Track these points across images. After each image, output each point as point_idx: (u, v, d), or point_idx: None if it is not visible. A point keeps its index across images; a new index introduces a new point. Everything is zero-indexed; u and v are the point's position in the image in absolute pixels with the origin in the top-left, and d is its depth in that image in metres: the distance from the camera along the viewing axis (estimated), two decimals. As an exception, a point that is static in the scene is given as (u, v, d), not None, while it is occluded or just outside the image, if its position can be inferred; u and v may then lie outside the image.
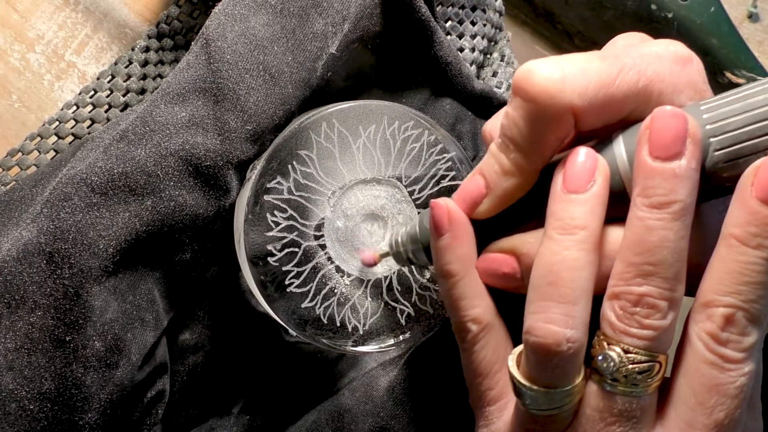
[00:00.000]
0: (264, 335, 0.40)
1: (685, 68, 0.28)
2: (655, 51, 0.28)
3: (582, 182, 0.27)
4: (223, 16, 0.35)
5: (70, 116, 0.40)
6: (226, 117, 0.34)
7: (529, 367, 0.27)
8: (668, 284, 0.25)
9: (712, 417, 0.26)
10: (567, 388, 0.27)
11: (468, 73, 0.42)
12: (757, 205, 0.25)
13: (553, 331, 0.26)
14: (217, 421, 0.39)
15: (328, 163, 0.36)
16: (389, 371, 0.39)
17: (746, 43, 0.52)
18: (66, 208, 0.32)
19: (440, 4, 0.45)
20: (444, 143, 0.37)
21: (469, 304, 0.30)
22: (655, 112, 0.26)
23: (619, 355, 0.26)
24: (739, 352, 0.25)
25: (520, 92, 0.27)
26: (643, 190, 0.26)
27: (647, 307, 0.26)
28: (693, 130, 0.25)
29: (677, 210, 0.25)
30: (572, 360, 0.26)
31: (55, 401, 0.31)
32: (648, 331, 0.26)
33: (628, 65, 0.27)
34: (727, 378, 0.25)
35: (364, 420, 0.37)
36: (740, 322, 0.25)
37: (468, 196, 0.30)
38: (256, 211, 0.35)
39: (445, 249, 0.30)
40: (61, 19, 0.42)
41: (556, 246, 0.27)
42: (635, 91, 0.27)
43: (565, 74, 0.26)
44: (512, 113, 0.27)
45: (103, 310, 0.32)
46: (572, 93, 0.26)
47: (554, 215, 0.27)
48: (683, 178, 0.25)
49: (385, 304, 0.37)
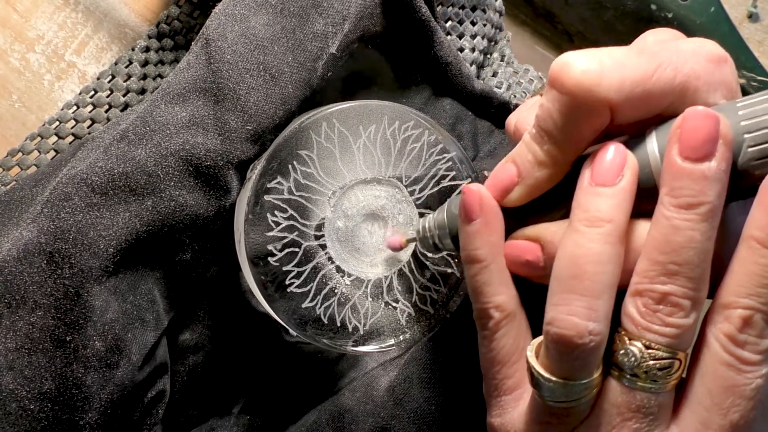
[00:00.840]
0: (264, 335, 0.40)
1: (719, 67, 0.28)
2: (691, 48, 0.27)
3: (610, 176, 0.27)
4: (224, 16, 0.35)
5: (71, 116, 0.40)
6: (227, 117, 0.34)
7: (549, 359, 0.28)
8: (692, 284, 0.25)
9: (728, 418, 0.26)
10: (585, 381, 0.27)
11: (468, 73, 0.42)
12: None
13: (576, 324, 0.26)
14: (217, 421, 0.39)
15: (328, 163, 0.36)
16: (389, 371, 0.39)
17: (746, 43, 0.52)
18: (66, 208, 0.32)
19: (440, 4, 0.45)
20: (444, 143, 0.37)
21: (494, 291, 0.30)
22: (686, 112, 0.26)
23: (640, 351, 0.26)
24: (756, 354, 0.25)
25: (557, 84, 0.27)
26: (671, 190, 0.26)
27: (671, 305, 0.26)
28: (725, 131, 0.25)
29: (705, 211, 0.25)
30: (593, 353, 0.27)
31: (56, 401, 0.31)
32: (670, 329, 0.26)
33: (666, 62, 0.26)
34: (743, 379, 0.26)
35: (364, 420, 0.37)
36: (758, 324, 0.25)
37: (500, 183, 0.30)
38: (257, 211, 0.35)
39: (475, 234, 0.30)
40: (61, 19, 0.42)
41: (581, 238, 0.27)
42: (672, 87, 0.27)
43: (603, 68, 0.26)
44: (547, 105, 0.27)
45: (104, 310, 0.32)
46: (609, 87, 0.26)
47: (580, 207, 0.27)
48: (712, 180, 0.25)
49: (385, 304, 0.37)
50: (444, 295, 0.38)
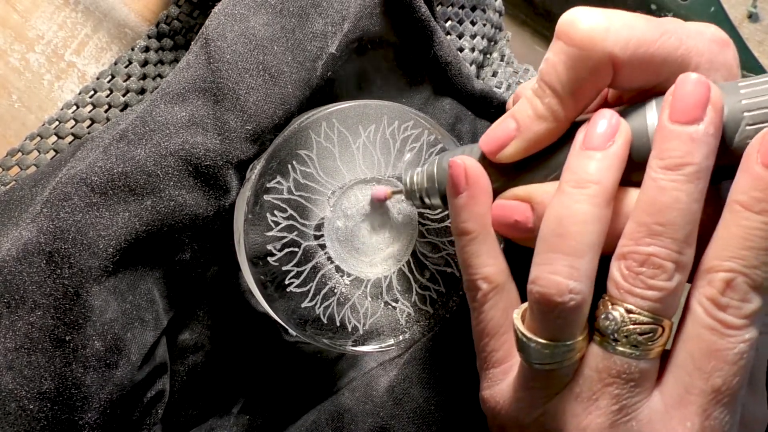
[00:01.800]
0: (264, 335, 0.40)
1: (723, 49, 0.28)
2: (698, 28, 0.28)
3: (602, 141, 0.27)
4: (223, 16, 0.35)
5: (70, 116, 0.40)
6: (226, 117, 0.34)
7: (532, 319, 0.28)
8: (676, 246, 0.25)
9: (709, 382, 0.26)
10: (568, 342, 0.27)
11: (468, 73, 0.42)
12: (761, 170, 0.25)
13: (557, 282, 0.26)
14: (216, 421, 0.39)
15: (327, 162, 0.36)
16: (389, 371, 0.39)
17: (746, 43, 0.52)
18: (66, 208, 0.32)
19: (440, 4, 0.45)
20: (444, 143, 0.37)
21: (482, 263, 0.30)
22: (679, 78, 0.26)
23: (621, 315, 0.26)
24: (739, 318, 0.25)
25: (563, 36, 0.27)
26: (659, 152, 0.26)
27: (653, 267, 0.26)
28: (715, 98, 0.26)
29: (691, 172, 0.25)
30: (574, 312, 0.27)
31: (55, 401, 0.31)
32: (652, 292, 0.26)
33: (671, 31, 0.27)
34: (726, 344, 0.25)
35: (363, 420, 0.37)
36: (741, 287, 0.25)
37: (496, 137, 0.30)
38: (256, 211, 0.35)
39: (462, 207, 0.30)
40: (61, 19, 0.42)
41: (568, 199, 0.27)
42: (674, 56, 0.27)
43: (610, 24, 0.27)
44: (552, 58, 0.28)
45: (103, 310, 0.32)
46: (615, 43, 0.26)
47: (569, 169, 0.28)
48: (699, 142, 0.25)
49: (385, 303, 0.37)
50: (443, 295, 0.38)
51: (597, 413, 0.27)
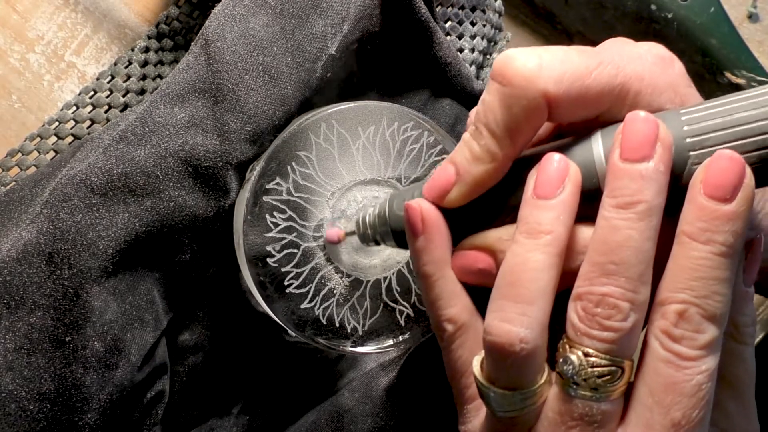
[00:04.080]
0: (263, 336, 0.40)
1: (666, 70, 0.28)
2: (636, 51, 0.28)
3: (551, 188, 0.27)
4: (223, 16, 0.35)
5: (70, 117, 0.40)
6: (226, 118, 0.34)
7: (489, 368, 0.27)
8: (630, 285, 0.25)
9: (669, 416, 0.25)
10: (525, 390, 0.27)
11: (468, 74, 0.42)
12: (705, 200, 0.25)
13: (507, 330, 0.26)
14: (216, 422, 0.39)
15: (327, 164, 0.36)
16: (389, 372, 0.39)
17: (746, 44, 0.52)
18: (66, 209, 0.32)
19: (440, 5, 0.45)
20: (444, 144, 0.37)
21: (445, 304, 0.30)
22: (627, 116, 0.26)
23: (579, 359, 0.26)
24: (694, 349, 0.25)
25: (497, 77, 0.27)
26: (611, 191, 0.26)
27: (608, 307, 0.25)
28: (664, 135, 0.26)
29: (642, 210, 0.25)
30: (527, 361, 0.26)
31: (55, 402, 0.31)
32: (608, 333, 0.25)
33: (607, 60, 0.27)
34: (682, 376, 0.25)
35: (363, 420, 0.37)
36: (694, 318, 0.25)
37: (437, 184, 0.30)
38: (256, 212, 0.35)
39: (421, 251, 0.30)
40: (60, 20, 0.42)
41: (520, 249, 0.27)
42: (612, 86, 0.27)
43: (542, 61, 0.26)
44: (488, 98, 0.28)
45: (103, 311, 0.32)
46: (548, 80, 0.26)
47: (522, 219, 0.27)
48: (649, 179, 0.25)
49: (384, 304, 0.37)
50: (443, 296, 0.38)
51: None
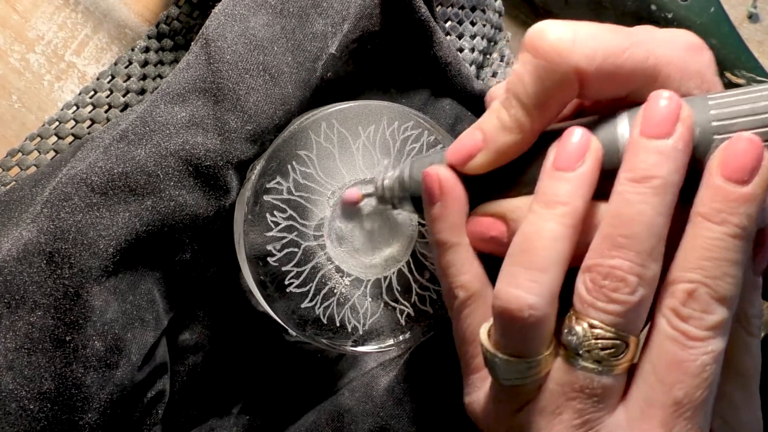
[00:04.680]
0: (264, 335, 0.40)
1: (695, 56, 0.28)
2: (668, 36, 0.28)
3: (571, 161, 0.27)
4: (223, 16, 0.35)
5: (70, 116, 0.40)
6: (226, 117, 0.34)
7: (496, 334, 0.28)
8: (640, 259, 0.25)
9: (671, 395, 0.25)
10: (531, 359, 0.27)
11: (467, 74, 0.42)
12: (721, 181, 0.25)
13: (516, 296, 0.26)
14: (217, 421, 0.39)
15: (327, 163, 0.36)
16: (389, 371, 0.39)
17: (746, 44, 0.52)
18: (66, 208, 0.32)
19: (440, 5, 0.45)
20: (444, 143, 0.37)
21: (458, 271, 0.30)
22: (651, 94, 0.26)
23: (584, 330, 0.26)
24: (701, 329, 0.25)
25: (530, 48, 0.27)
26: (627, 165, 0.26)
27: (616, 280, 0.25)
28: (686, 114, 0.26)
29: (657, 185, 0.25)
30: (535, 328, 0.26)
31: (55, 401, 0.31)
32: (614, 306, 0.26)
33: (639, 41, 0.27)
34: (687, 355, 0.25)
35: (363, 420, 0.37)
36: (703, 298, 0.25)
37: (463, 148, 0.30)
38: (256, 211, 0.35)
39: (437, 218, 0.30)
40: (61, 20, 0.42)
41: (536, 218, 0.27)
42: (643, 68, 0.27)
43: (576, 36, 0.27)
44: (519, 69, 0.28)
45: (103, 310, 0.32)
46: (580, 55, 0.26)
47: (540, 190, 0.28)
48: (667, 155, 0.25)
49: (384, 304, 0.37)
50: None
51: (560, 427, 0.27)
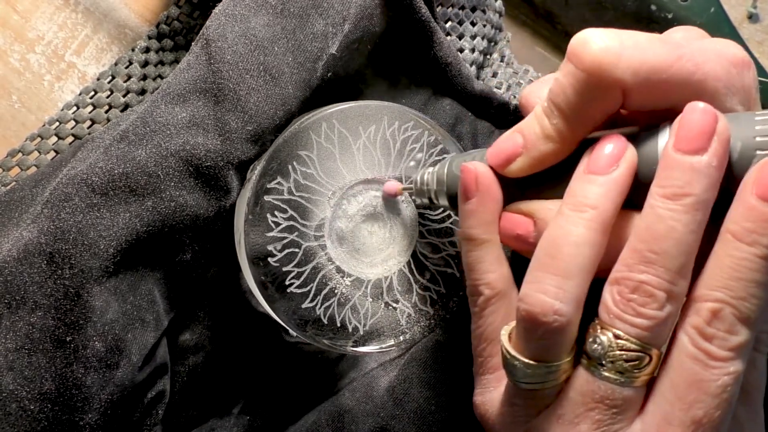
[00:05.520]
0: (264, 335, 0.40)
1: (741, 72, 0.27)
2: (716, 48, 0.27)
3: (604, 165, 0.27)
4: (224, 16, 0.35)
5: (70, 117, 0.40)
6: (227, 117, 0.34)
7: (518, 337, 0.28)
8: (669, 276, 0.25)
9: (690, 413, 0.25)
10: (552, 364, 0.27)
11: (468, 74, 0.42)
12: (755, 201, 0.24)
13: (542, 301, 0.26)
14: (217, 422, 0.39)
15: (328, 163, 0.36)
16: (389, 371, 0.39)
17: (746, 44, 0.52)
18: (66, 209, 0.32)
19: (440, 5, 0.45)
20: (444, 144, 0.37)
21: (486, 269, 0.30)
22: (687, 106, 0.26)
23: (609, 340, 0.26)
24: (724, 350, 0.25)
25: (574, 59, 0.27)
26: (660, 180, 0.26)
27: (644, 295, 0.25)
28: (722, 129, 0.25)
29: (689, 203, 0.25)
30: (558, 334, 0.26)
31: (56, 401, 0.31)
32: (641, 320, 0.25)
33: (687, 55, 0.26)
34: (709, 375, 0.25)
35: (364, 420, 0.37)
36: (728, 318, 0.25)
37: (503, 151, 0.30)
38: (257, 212, 0.35)
39: (470, 213, 0.30)
40: (61, 20, 0.42)
41: (564, 221, 0.27)
42: (689, 82, 0.26)
43: (622, 49, 0.26)
44: (562, 80, 0.27)
45: (104, 311, 0.32)
46: (626, 70, 0.26)
47: (570, 192, 0.27)
48: (700, 173, 0.25)
49: (385, 304, 0.37)
50: (444, 296, 0.38)
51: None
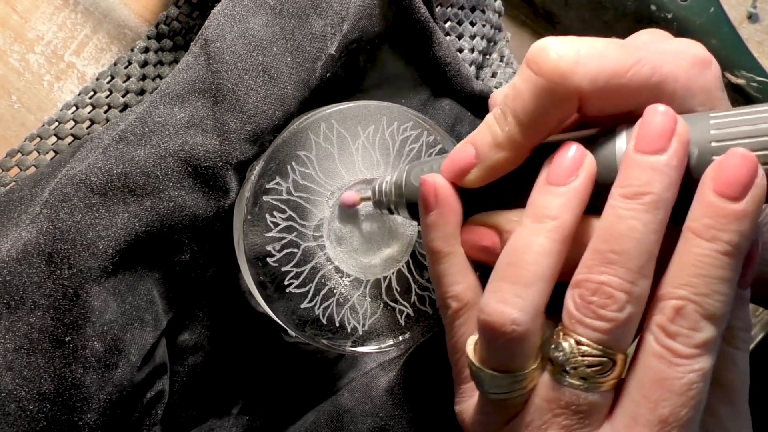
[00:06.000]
0: (263, 336, 0.40)
1: (703, 72, 0.27)
2: (675, 49, 0.27)
3: (563, 176, 0.27)
4: (222, 17, 0.35)
5: (70, 117, 0.40)
6: (226, 118, 0.34)
7: (481, 347, 0.28)
8: (629, 276, 0.25)
9: (656, 412, 0.25)
10: (516, 373, 0.27)
11: (467, 74, 0.42)
12: (713, 197, 0.24)
13: (500, 311, 0.26)
14: (216, 422, 0.39)
15: (327, 163, 0.36)
16: (389, 371, 0.39)
17: (746, 44, 0.52)
18: (65, 209, 0.32)
19: (439, 5, 0.45)
20: (443, 144, 0.37)
21: (452, 281, 0.30)
22: (647, 109, 0.26)
23: (571, 346, 0.26)
24: (688, 347, 0.25)
25: (532, 65, 0.27)
26: (620, 180, 0.26)
27: (604, 296, 0.25)
28: (681, 130, 0.25)
29: (649, 201, 0.25)
30: (519, 343, 0.26)
31: (55, 402, 0.31)
32: (602, 323, 0.25)
33: (645, 59, 0.26)
34: (674, 372, 0.25)
35: (363, 420, 0.37)
36: (691, 315, 0.25)
37: (456, 164, 0.30)
38: (255, 212, 0.35)
39: (432, 226, 0.30)
40: (60, 20, 0.42)
41: (526, 232, 0.27)
42: (647, 86, 0.26)
43: (579, 56, 0.26)
44: (519, 85, 0.27)
45: (103, 311, 0.32)
46: (583, 77, 0.26)
47: (531, 203, 0.27)
48: (660, 172, 0.25)
49: (384, 304, 0.37)
50: (443, 296, 0.38)
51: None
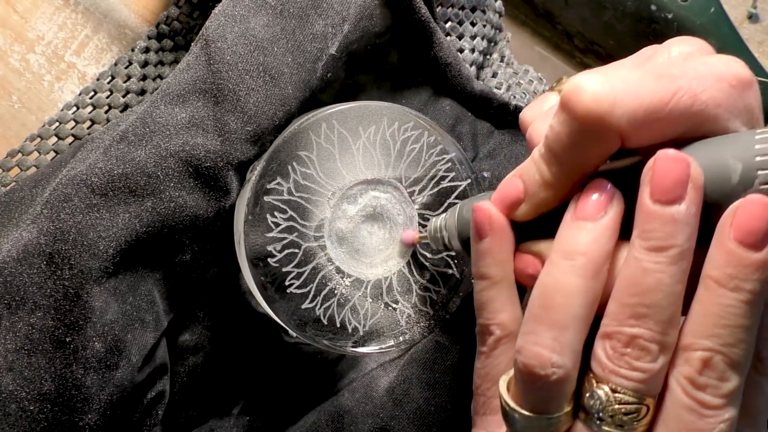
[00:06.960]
0: (264, 336, 0.40)
1: (743, 93, 0.26)
2: (715, 72, 0.26)
3: (593, 212, 0.27)
4: (223, 17, 0.35)
5: (70, 117, 0.40)
6: (226, 118, 0.34)
7: (517, 388, 0.27)
8: (660, 327, 0.25)
9: None
10: (551, 416, 0.27)
11: (468, 74, 0.42)
12: (734, 246, 0.24)
13: (539, 354, 0.26)
14: (216, 422, 0.39)
15: (328, 164, 0.36)
16: (389, 372, 0.39)
17: (746, 44, 0.52)
18: (66, 209, 0.32)
19: (440, 5, 0.45)
20: (444, 144, 0.37)
21: (499, 308, 0.30)
22: (657, 154, 0.25)
23: (606, 394, 0.26)
24: (717, 397, 0.25)
25: (567, 109, 0.26)
26: (642, 232, 0.25)
27: (638, 349, 0.25)
28: (695, 175, 0.25)
29: (674, 255, 0.25)
30: (557, 386, 0.26)
31: (55, 402, 0.31)
32: (637, 373, 0.25)
33: (684, 88, 0.25)
34: (704, 425, 0.25)
35: (363, 421, 0.37)
36: (718, 366, 0.25)
37: (507, 198, 0.30)
38: (256, 212, 0.35)
39: (484, 253, 0.30)
40: (61, 20, 0.42)
41: (555, 270, 0.26)
42: (688, 114, 0.25)
43: (615, 95, 0.25)
44: (557, 128, 0.27)
45: (103, 311, 0.32)
46: (621, 117, 0.25)
47: (559, 239, 0.27)
48: (682, 223, 0.25)
49: (385, 305, 0.37)
50: (443, 296, 0.38)
51: None
